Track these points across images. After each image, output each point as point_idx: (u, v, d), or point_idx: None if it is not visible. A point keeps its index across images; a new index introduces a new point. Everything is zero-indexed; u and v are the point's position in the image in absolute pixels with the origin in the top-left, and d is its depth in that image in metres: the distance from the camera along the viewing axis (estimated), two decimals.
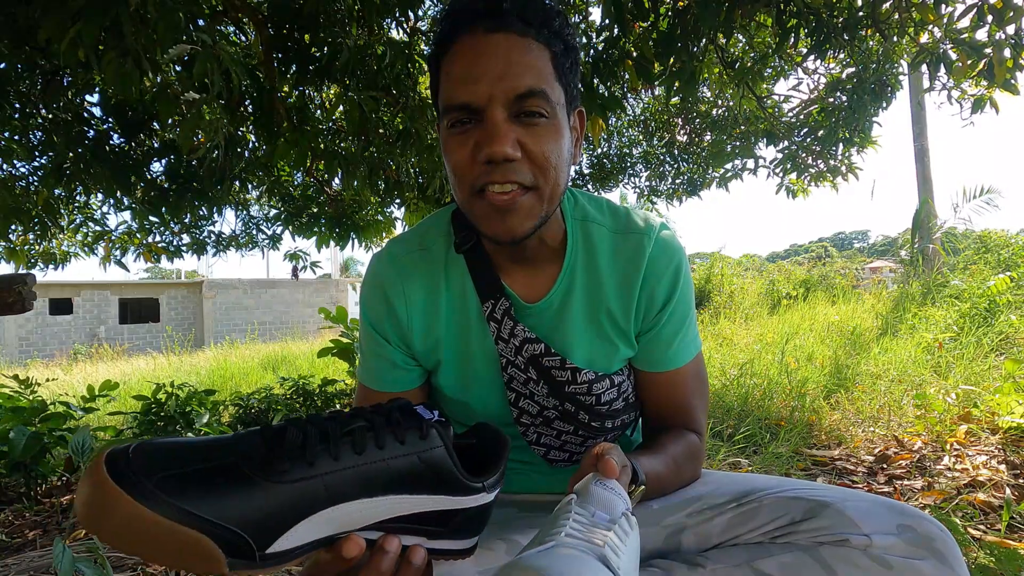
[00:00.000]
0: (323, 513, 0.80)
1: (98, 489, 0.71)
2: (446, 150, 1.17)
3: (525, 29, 1.12)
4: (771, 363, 5.67)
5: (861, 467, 3.46)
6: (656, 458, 1.25)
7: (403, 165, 4.92)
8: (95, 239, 7.07)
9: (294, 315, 30.07)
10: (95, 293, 27.88)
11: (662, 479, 1.24)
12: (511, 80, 1.09)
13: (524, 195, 1.14)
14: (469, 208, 1.19)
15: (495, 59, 1.10)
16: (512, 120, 1.11)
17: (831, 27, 3.83)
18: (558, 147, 1.15)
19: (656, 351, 1.38)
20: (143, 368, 13.80)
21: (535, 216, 1.17)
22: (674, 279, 1.35)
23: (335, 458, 0.81)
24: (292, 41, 3.82)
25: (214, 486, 0.75)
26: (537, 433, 1.42)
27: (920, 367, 5.14)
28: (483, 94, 1.09)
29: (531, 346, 1.31)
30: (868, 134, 6.33)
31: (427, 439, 0.87)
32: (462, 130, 1.14)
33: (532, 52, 1.12)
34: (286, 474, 0.78)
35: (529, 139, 1.12)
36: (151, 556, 0.71)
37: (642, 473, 1.14)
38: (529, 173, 1.13)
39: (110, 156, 4.52)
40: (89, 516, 0.70)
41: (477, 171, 1.13)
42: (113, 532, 0.70)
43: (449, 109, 1.14)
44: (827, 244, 70.99)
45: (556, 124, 1.15)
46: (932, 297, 8.38)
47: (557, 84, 1.15)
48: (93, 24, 2.43)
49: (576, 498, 0.96)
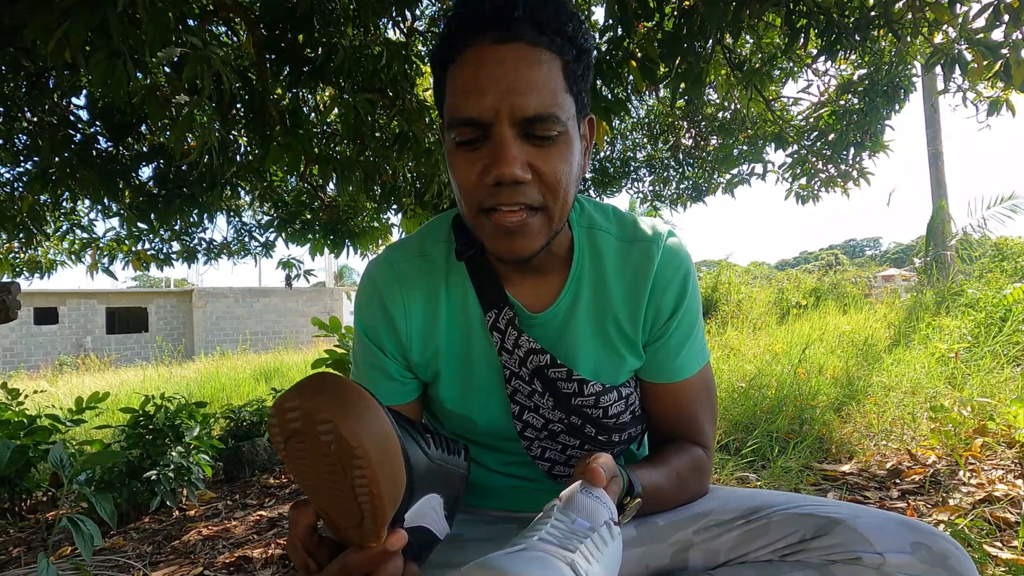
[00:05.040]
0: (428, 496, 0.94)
1: (355, 391, 0.79)
2: (452, 165, 1.16)
3: (537, 37, 1.09)
4: (780, 374, 5.66)
5: (873, 482, 3.45)
6: (657, 470, 1.25)
7: (400, 169, 4.92)
8: (82, 246, 7.09)
9: (287, 325, 30.07)
10: (81, 302, 27.88)
11: (662, 492, 1.24)
12: (520, 97, 1.07)
13: (533, 216, 1.13)
14: (475, 225, 1.18)
15: (503, 72, 1.07)
16: (521, 139, 1.09)
17: (842, 27, 3.83)
18: (568, 165, 1.14)
19: (663, 362, 1.37)
20: (131, 380, 13.78)
21: (543, 236, 1.16)
22: (682, 288, 1.34)
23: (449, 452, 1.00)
24: (285, 42, 3.82)
25: (411, 439, 0.90)
26: (541, 448, 1.41)
27: (934, 379, 5.12)
28: (490, 108, 1.07)
29: (536, 357, 1.30)
30: (880, 138, 6.34)
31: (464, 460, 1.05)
32: (470, 148, 1.11)
33: (543, 65, 1.09)
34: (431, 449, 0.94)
35: (539, 159, 1.10)
36: (357, 474, 0.77)
37: (638, 485, 1.15)
38: (539, 194, 1.12)
39: (97, 160, 4.54)
40: (335, 407, 0.76)
41: (484, 191, 1.11)
42: (353, 431, 0.75)
43: (455, 123, 1.11)
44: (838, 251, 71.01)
45: (567, 140, 1.13)
46: (947, 306, 8.36)
47: (568, 96, 1.13)
48: (80, 24, 2.44)
49: (559, 504, 0.98)
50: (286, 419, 0.78)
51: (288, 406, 0.77)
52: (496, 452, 1.48)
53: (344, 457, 0.75)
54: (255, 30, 3.81)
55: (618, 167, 9.40)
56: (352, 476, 0.76)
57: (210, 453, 4.57)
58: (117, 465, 4.11)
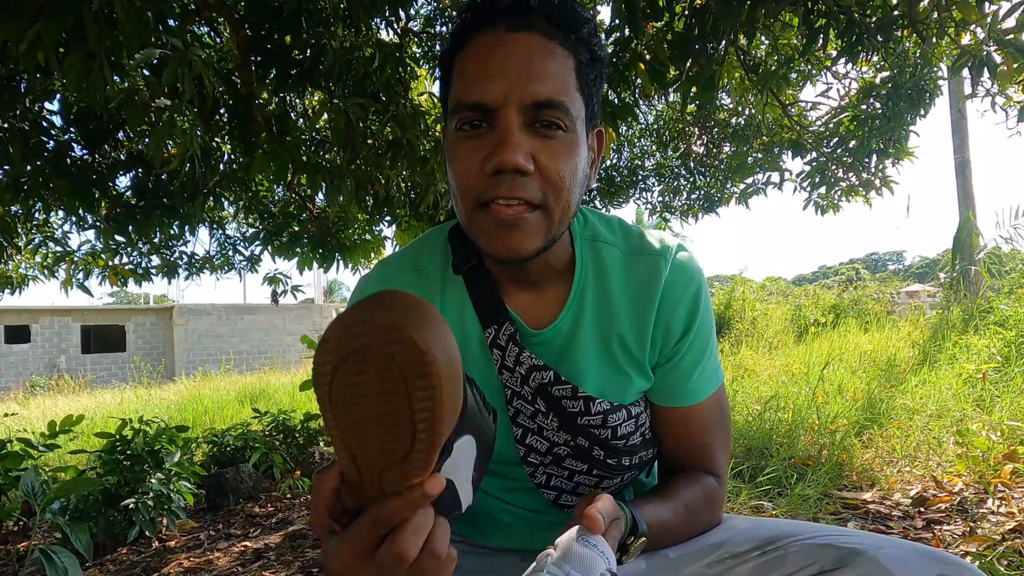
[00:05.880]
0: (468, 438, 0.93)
1: (423, 303, 0.80)
2: (451, 156, 1.16)
3: (551, 32, 1.10)
4: (798, 396, 5.65)
5: (896, 511, 3.44)
6: (664, 504, 1.24)
7: (393, 179, 4.93)
8: (55, 260, 7.09)
9: (273, 344, 30.04)
10: (55, 320, 27.85)
11: (671, 527, 1.23)
12: (530, 84, 1.07)
13: (531, 212, 1.12)
14: (470, 222, 1.17)
15: (515, 59, 1.08)
16: (527, 129, 1.10)
17: (864, 27, 3.83)
18: (573, 165, 1.13)
19: (673, 385, 1.36)
20: (108, 402, 13.78)
21: (541, 236, 1.15)
22: (693, 306, 1.32)
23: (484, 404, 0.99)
24: (271, 43, 3.83)
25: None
26: (547, 474, 1.39)
27: (961, 401, 5.11)
28: (498, 93, 1.07)
29: (539, 374, 1.29)
30: (904, 145, 6.34)
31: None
32: (472, 133, 1.12)
33: (556, 58, 1.10)
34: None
35: (543, 153, 1.10)
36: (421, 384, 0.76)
37: (643, 523, 1.14)
38: (539, 190, 1.11)
39: (72, 169, 4.54)
40: (405, 315, 0.76)
41: (483, 183, 1.11)
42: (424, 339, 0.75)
43: (459, 108, 1.12)
44: (859, 266, 71.01)
45: (573, 139, 1.13)
46: (975, 324, 8.34)
47: (579, 96, 1.14)
48: (54, 25, 2.44)
49: (553, 554, 0.98)
50: (348, 334, 0.77)
51: (353, 318, 0.77)
52: (497, 478, 1.45)
53: (412, 367, 0.76)
54: (239, 30, 3.81)
55: (625, 176, 9.41)
56: (416, 388, 0.76)
57: (192, 480, 4.56)
58: (93, 493, 4.10)
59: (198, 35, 4.86)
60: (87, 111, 4.39)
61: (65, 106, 4.53)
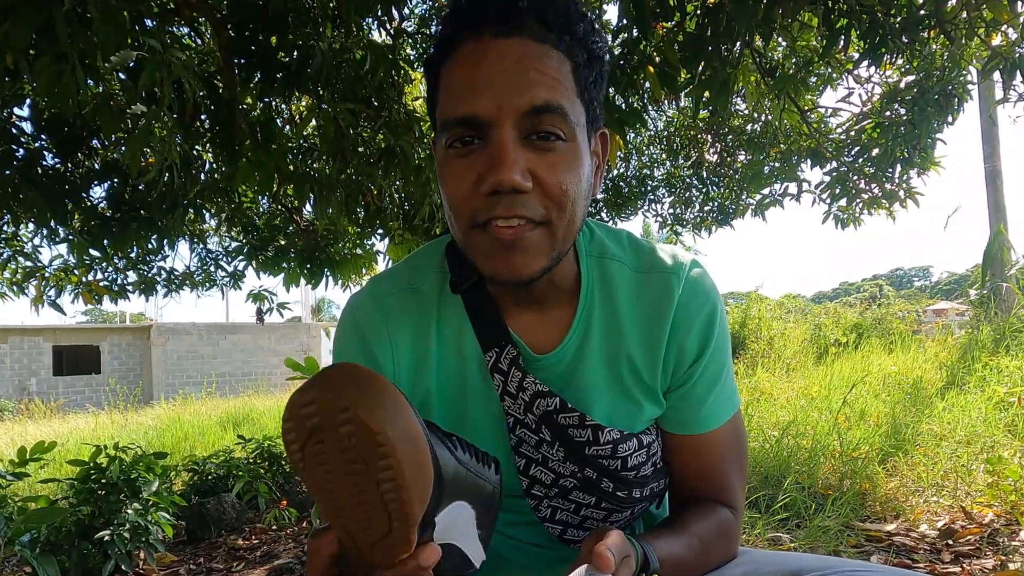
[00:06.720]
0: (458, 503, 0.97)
1: (375, 378, 0.83)
2: (443, 176, 1.14)
3: (543, 34, 1.09)
4: (818, 421, 5.65)
5: (923, 543, 3.44)
6: (678, 539, 1.23)
7: (386, 189, 4.93)
8: (25, 276, 7.06)
9: (258, 365, 30.06)
10: (25, 339, 27.86)
11: (684, 563, 1.22)
12: (523, 93, 1.05)
13: (533, 231, 1.10)
14: (467, 243, 1.15)
15: (505, 67, 1.06)
16: (523, 143, 1.08)
17: (888, 28, 3.83)
18: (576, 176, 1.11)
19: (687, 411, 1.34)
20: (81, 427, 13.77)
21: (545, 255, 1.13)
22: (708, 327, 1.31)
23: (478, 461, 1.04)
24: (256, 44, 3.84)
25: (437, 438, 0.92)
26: (552, 507, 1.37)
27: (992, 426, 5.10)
28: (489, 106, 1.05)
29: (544, 401, 1.27)
30: (930, 153, 6.34)
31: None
32: (463, 152, 1.10)
33: (551, 62, 1.08)
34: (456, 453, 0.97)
35: (543, 167, 1.08)
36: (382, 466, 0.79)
37: (655, 560, 1.13)
38: (541, 207, 1.09)
39: (43, 179, 4.53)
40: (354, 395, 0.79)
41: (479, 203, 1.09)
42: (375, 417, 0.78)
43: (448, 124, 1.10)
44: (883, 282, 71.21)
45: (575, 148, 1.11)
46: (1006, 344, 8.33)
47: (578, 101, 1.12)
48: (23, 25, 2.44)
49: None
50: (302, 415, 0.80)
51: (303, 400, 0.80)
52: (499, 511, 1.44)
53: (366, 447, 0.78)
54: (221, 31, 3.82)
55: (633, 187, 9.42)
56: (376, 469, 0.78)
57: (171, 511, 4.53)
58: (65, 524, 4.09)
59: (177, 36, 4.87)
60: (59, 117, 4.39)
61: (36, 112, 4.52)
